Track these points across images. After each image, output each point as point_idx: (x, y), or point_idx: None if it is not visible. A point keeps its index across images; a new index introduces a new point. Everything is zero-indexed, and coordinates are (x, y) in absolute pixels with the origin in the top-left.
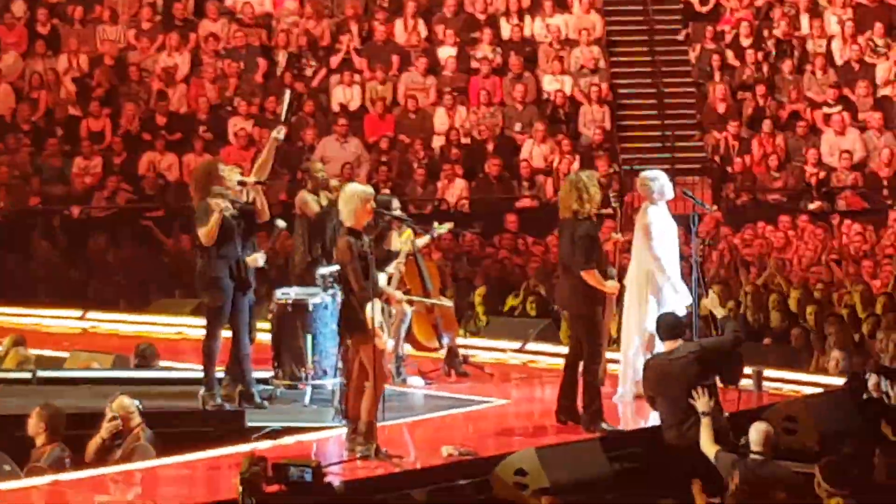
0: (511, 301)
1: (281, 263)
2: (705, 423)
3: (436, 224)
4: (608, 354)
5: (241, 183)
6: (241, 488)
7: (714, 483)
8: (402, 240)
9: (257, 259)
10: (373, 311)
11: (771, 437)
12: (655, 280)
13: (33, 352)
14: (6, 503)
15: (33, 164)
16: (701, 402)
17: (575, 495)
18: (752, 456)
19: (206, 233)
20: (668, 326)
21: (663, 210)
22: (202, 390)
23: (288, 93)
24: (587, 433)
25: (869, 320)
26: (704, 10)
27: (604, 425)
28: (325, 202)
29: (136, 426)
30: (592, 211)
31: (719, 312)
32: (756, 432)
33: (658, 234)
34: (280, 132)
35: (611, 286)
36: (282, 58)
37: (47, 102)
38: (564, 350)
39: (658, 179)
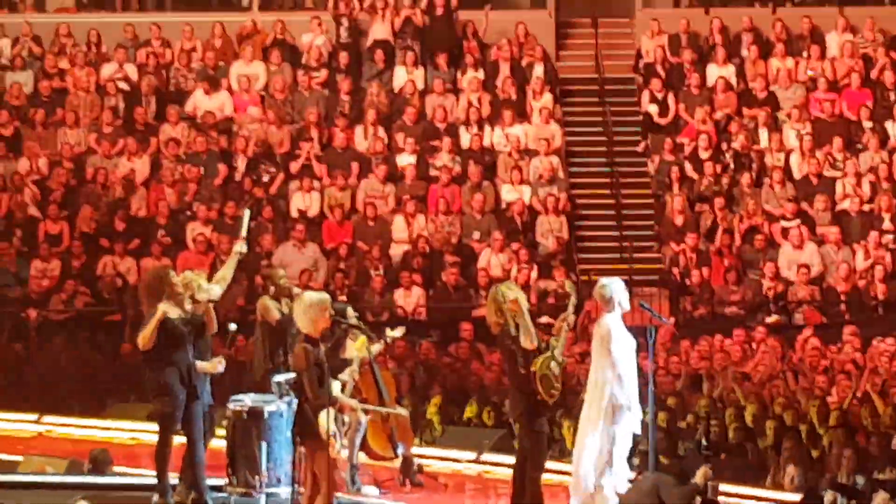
0: (470, 410)
1: (235, 371)
2: None
3: (388, 329)
4: (563, 466)
5: (195, 301)
6: None
7: None
8: (356, 347)
9: (216, 365)
10: (327, 419)
11: None
12: (612, 397)
13: None
14: None
15: None
16: None
17: None
18: None
19: (142, 336)
20: None
21: (619, 321)
22: (155, 497)
23: (247, 211)
24: None
25: (826, 435)
26: (664, 121)
27: None
28: (286, 309)
29: None
30: (512, 320)
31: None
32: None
33: (617, 341)
34: (241, 247)
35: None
36: (241, 163)
37: (8, 205)
38: None
39: (612, 285)
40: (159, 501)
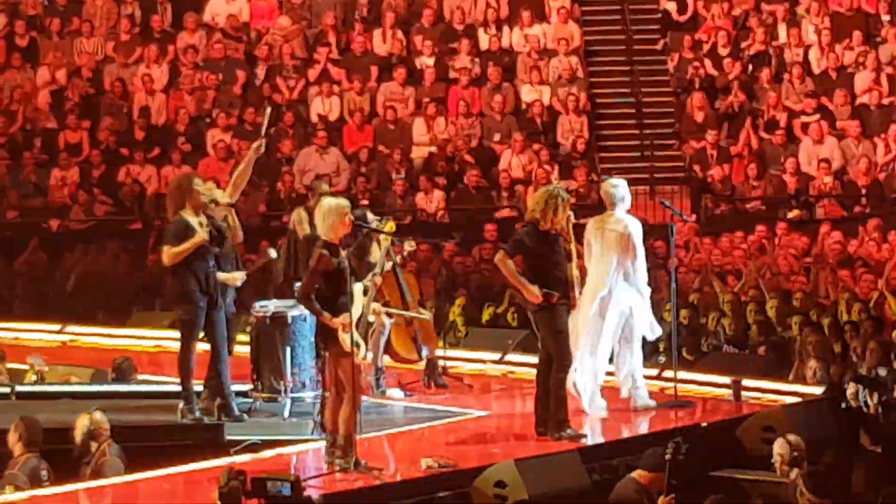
0: (487, 312)
1: (260, 277)
2: None
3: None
4: None
5: (214, 202)
6: (219, 502)
7: None
8: (382, 239)
9: (236, 278)
10: (351, 327)
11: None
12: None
13: (13, 366)
14: None
15: (11, 177)
16: None
17: None
18: None
19: (173, 254)
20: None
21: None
22: (181, 404)
23: (269, 108)
24: (553, 440)
25: (849, 329)
26: (682, 19)
27: (569, 431)
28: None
29: (104, 441)
30: (551, 227)
31: None
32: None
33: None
34: (260, 146)
35: (534, 293)
36: (261, 70)
37: (25, 115)
38: None
39: (621, 186)
40: (185, 408)
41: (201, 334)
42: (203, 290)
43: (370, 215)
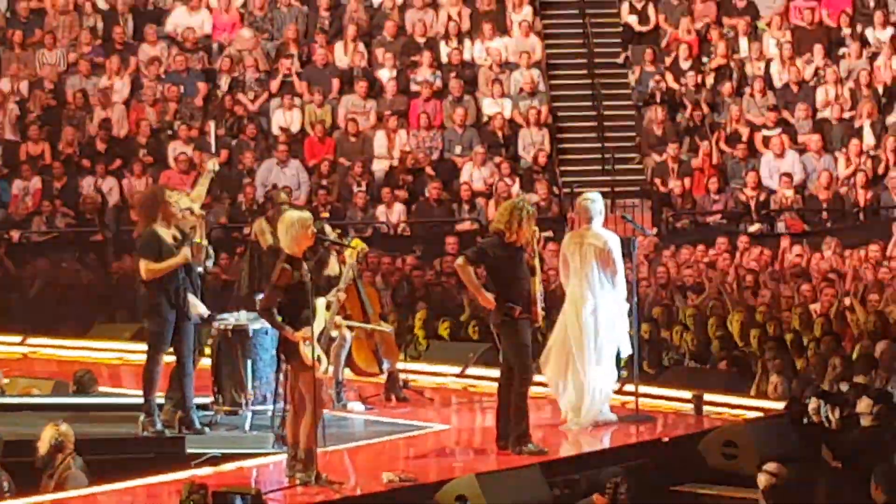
0: (443, 326)
1: (221, 290)
2: None
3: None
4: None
5: (189, 210)
6: None
7: None
8: (349, 256)
9: (199, 310)
10: (311, 341)
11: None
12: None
13: None
14: None
15: None
16: None
17: None
18: None
19: (153, 270)
20: None
21: None
22: (142, 416)
23: (212, 124)
24: (514, 454)
25: (810, 344)
26: (644, 29)
27: (530, 446)
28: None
29: (67, 454)
30: (516, 240)
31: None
32: None
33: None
34: (213, 164)
35: (488, 299)
36: (224, 82)
37: None
38: None
39: (598, 201)
40: (146, 420)
41: (169, 347)
42: (173, 303)
43: (328, 227)
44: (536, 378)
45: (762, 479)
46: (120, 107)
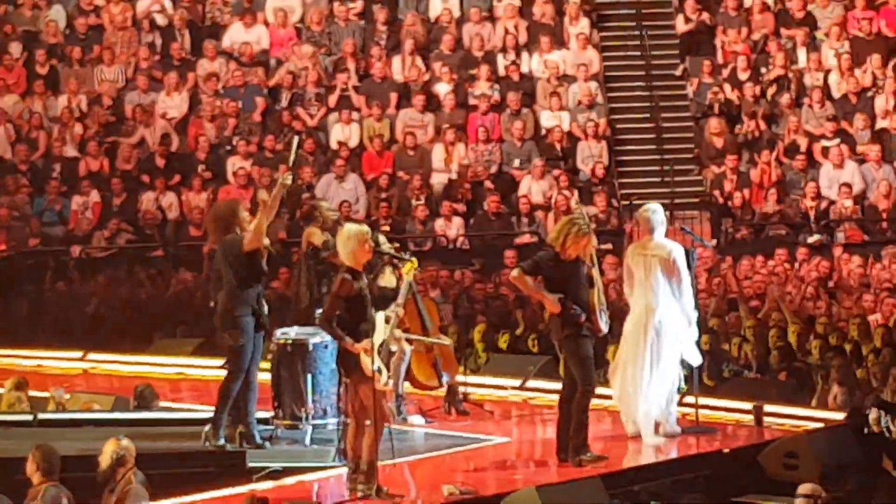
0: (503, 339)
1: (280, 303)
2: None
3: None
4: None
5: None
6: None
7: None
8: (405, 271)
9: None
10: (372, 353)
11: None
12: (660, 323)
13: (35, 394)
14: None
15: (32, 205)
16: None
17: None
18: None
19: (253, 232)
20: None
21: None
22: (207, 428)
23: (296, 139)
24: (573, 466)
25: (870, 354)
26: (701, 44)
27: (589, 455)
28: (331, 242)
29: (128, 469)
30: (568, 255)
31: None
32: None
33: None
34: (287, 178)
35: (553, 301)
36: (283, 97)
37: (46, 143)
38: None
39: (659, 211)
40: (209, 432)
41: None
42: (255, 313)
43: (382, 238)
44: (599, 391)
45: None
46: (179, 122)
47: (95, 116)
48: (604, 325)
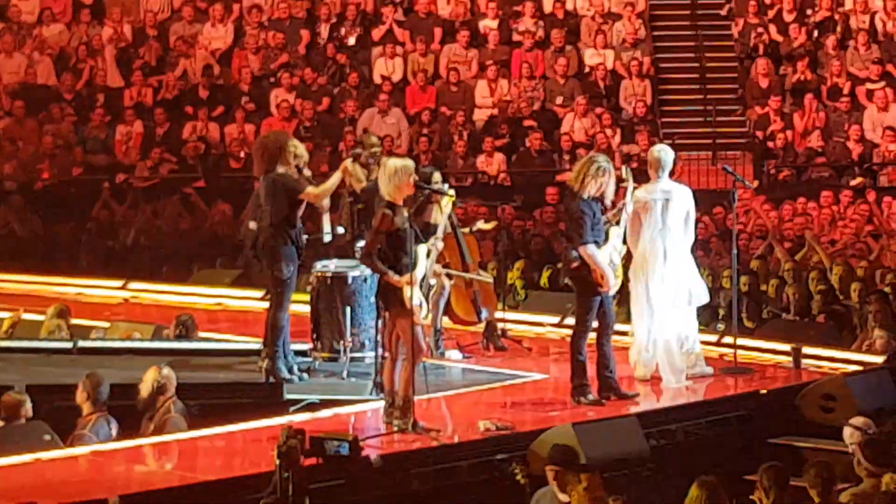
0: (546, 275)
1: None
2: None
3: (479, 222)
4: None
5: (305, 164)
6: (278, 461)
7: None
8: (442, 204)
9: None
10: (411, 287)
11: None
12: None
13: (76, 321)
14: (45, 472)
15: (77, 133)
16: None
17: (611, 471)
18: None
19: (319, 193)
20: None
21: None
22: (264, 363)
23: (365, 139)
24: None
25: None
26: None
27: (589, 398)
28: (373, 176)
29: (168, 397)
30: (591, 193)
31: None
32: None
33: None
34: (350, 163)
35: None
36: (324, 29)
37: (90, 72)
38: None
39: (669, 152)
40: (269, 366)
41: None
42: (299, 248)
43: (437, 175)
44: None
45: (853, 435)
46: (223, 54)
47: (140, 46)
48: (613, 282)
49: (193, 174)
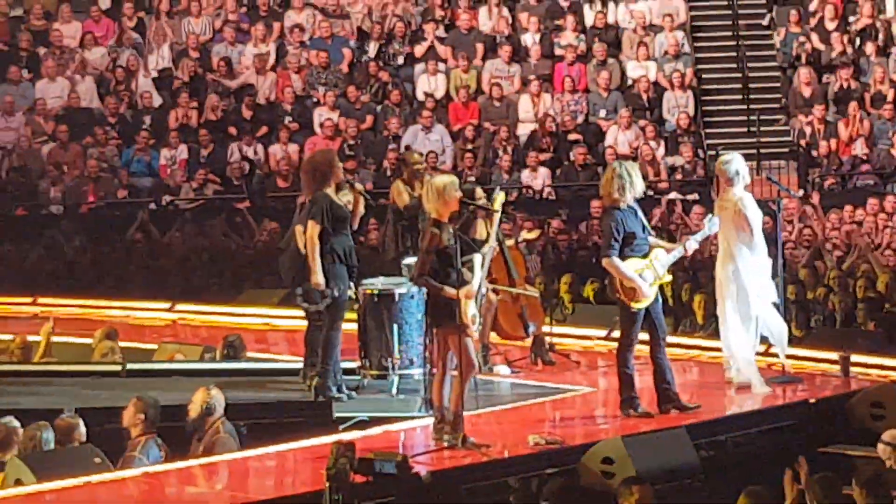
0: (590, 288)
1: (365, 254)
2: None
3: (524, 232)
4: (695, 341)
5: (350, 184)
6: (328, 480)
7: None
8: (495, 205)
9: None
10: (467, 300)
11: None
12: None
13: (123, 344)
14: (97, 495)
15: (121, 156)
16: None
17: (662, 483)
18: None
19: (310, 235)
20: None
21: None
22: (314, 381)
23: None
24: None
25: None
26: None
27: (638, 410)
28: (417, 193)
29: (217, 419)
30: (630, 199)
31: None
32: None
33: (752, 209)
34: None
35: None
36: (371, 47)
37: (131, 95)
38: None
39: (735, 159)
40: (318, 384)
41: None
42: (349, 266)
43: (479, 191)
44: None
45: (885, 451)
46: (266, 73)
47: (183, 68)
48: (647, 291)
49: (239, 194)
